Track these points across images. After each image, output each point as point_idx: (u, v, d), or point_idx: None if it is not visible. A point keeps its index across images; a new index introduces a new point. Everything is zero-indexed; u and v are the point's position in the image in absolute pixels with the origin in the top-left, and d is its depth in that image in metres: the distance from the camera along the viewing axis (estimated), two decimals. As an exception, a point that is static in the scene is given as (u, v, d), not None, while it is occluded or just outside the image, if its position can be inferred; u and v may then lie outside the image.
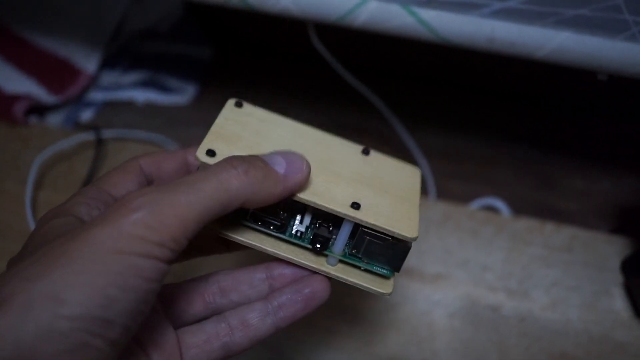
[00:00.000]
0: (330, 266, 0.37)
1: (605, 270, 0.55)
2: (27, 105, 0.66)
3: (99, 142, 0.64)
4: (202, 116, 0.71)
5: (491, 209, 0.61)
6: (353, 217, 0.35)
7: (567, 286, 0.54)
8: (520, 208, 0.61)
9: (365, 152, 0.41)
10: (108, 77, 0.72)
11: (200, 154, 0.35)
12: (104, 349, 0.28)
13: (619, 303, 0.53)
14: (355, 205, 0.35)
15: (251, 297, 0.38)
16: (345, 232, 0.36)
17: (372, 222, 0.35)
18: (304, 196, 0.35)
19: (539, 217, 0.59)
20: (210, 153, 0.35)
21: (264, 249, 0.37)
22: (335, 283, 0.37)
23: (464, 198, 0.61)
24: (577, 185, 0.63)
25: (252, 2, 0.48)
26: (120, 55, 0.74)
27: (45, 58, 0.71)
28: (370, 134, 0.67)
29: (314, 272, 0.37)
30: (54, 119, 0.68)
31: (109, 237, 0.28)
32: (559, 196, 0.63)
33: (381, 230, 0.35)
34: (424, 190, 0.62)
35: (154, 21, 0.75)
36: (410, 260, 0.55)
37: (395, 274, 0.38)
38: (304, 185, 0.35)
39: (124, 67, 0.73)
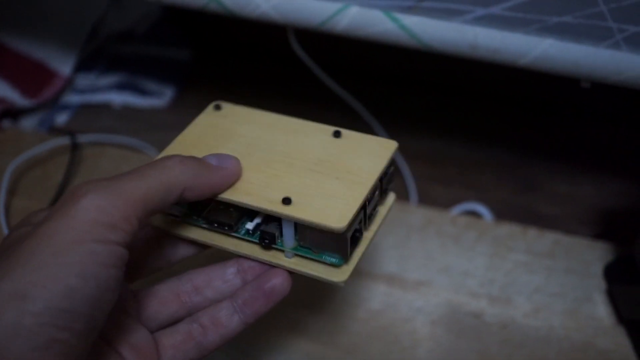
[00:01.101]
0: (287, 259, 0.38)
1: (588, 276, 0.54)
2: (1, 109, 0.65)
3: (75, 147, 0.62)
4: (181, 120, 0.69)
5: (473, 213, 0.60)
6: (280, 214, 0.35)
7: (550, 293, 0.54)
8: (502, 213, 0.61)
9: (337, 134, 0.41)
10: (84, 80, 0.71)
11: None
12: (71, 342, 0.28)
13: (602, 310, 0.53)
14: (286, 201, 0.36)
15: (225, 292, 0.39)
16: (287, 226, 0.37)
17: (299, 217, 0.35)
18: (234, 197, 0.36)
19: (521, 222, 0.59)
20: None
21: (225, 248, 0.38)
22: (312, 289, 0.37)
23: (446, 203, 0.61)
24: (560, 190, 0.63)
25: (232, 7, 0.47)
26: (97, 57, 0.72)
27: (19, 60, 0.69)
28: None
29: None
30: (28, 123, 0.67)
31: (63, 228, 0.29)
32: (541, 201, 0.62)
33: (309, 224, 0.35)
34: (405, 196, 0.62)
35: (132, 22, 0.74)
36: (391, 266, 0.55)
37: (352, 263, 0.38)
38: (236, 174, 0.37)
39: (101, 69, 0.72)
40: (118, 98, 0.70)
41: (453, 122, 0.70)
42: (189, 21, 0.76)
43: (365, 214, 0.38)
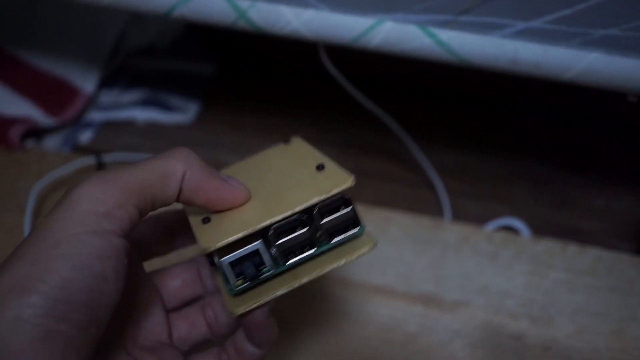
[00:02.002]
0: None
1: (632, 294, 0.53)
2: (24, 129, 0.64)
3: (100, 167, 0.61)
4: (206, 135, 0.68)
5: (509, 229, 0.59)
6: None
7: (593, 312, 0.52)
8: (538, 228, 0.59)
9: (320, 167, 0.38)
10: (107, 97, 0.70)
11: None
12: (71, 333, 0.28)
13: (648, 330, 0.51)
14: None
15: None
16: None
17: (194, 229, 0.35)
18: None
19: (558, 237, 0.57)
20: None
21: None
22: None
23: (481, 218, 0.59)
24: (597, 204, 0.61)
25: (261, 25, 0.46)
26: (119, 73, 0.71)
27: (41, 78, 0.69)
28: (383, 154, 0.65)
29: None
30: (52, 142, 0.66)
31: (58, 220, 0.29)
32: (578, 215, 0.60)
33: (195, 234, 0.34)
34: (438, 211, 0.60)
35: (154, 37, 0.73)
36: (427, 286, 0.53)
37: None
38: (241, 195, 0.35)
39: (123, 85, 0.71)
40: (142, 114, 0.69)
41: (486, 135, 0.68)
42: (212, 35, 0.75)
43: (274, 247, 0.35)
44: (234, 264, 0.34)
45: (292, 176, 0.38)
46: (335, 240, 0.36)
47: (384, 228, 0.57)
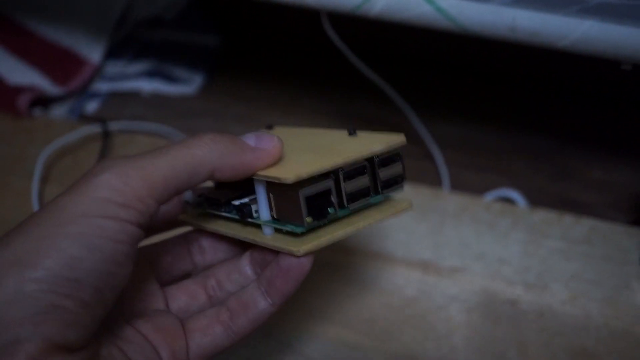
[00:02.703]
0: (265, 236, 0.36)
1: (625, 263, 0.54)
2: (32, 97, 0.65)
3: (106, 135, 0.62)
4: (210, 106, 0.69)
5: (507, 200, 0.60)
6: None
7: (587, 280, 0.53)
8: (536, 199, 0.60)
9: (352, 132, 0.39)
10: (113, 67, 0.71)
11: None
12: (75, 310, 0.28)
13: (640, 297, 0.52)
14: None
15: (244, 284, 0.38)
16: (260, 194, 0.35)
17: (261, 174, 0.34)
18: None
19: (556, 208, 0.58)
20: None
21: (204, 227, 0.38)
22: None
23: (480, 189, 0.60)
24: (595, 176, 0.62)
25: (265, -9, 0.47)
26: (126, 44, 0.72)
27: (49, 48, 0.70)
28: (384, 125, 0.66)
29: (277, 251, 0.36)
30: (59, 111, 0.67)
31: (73, 202, 0.29)
32: (576, 187, 0.61)
33: (264, 179, 0.34)
34: (438, 182, 0.61)
35: (160, 9, 0.74)
36: (426, 253, 0.54)
37: (317, 238, 0.35)
38: (274, 155, 0.35)
39: (130, 56, 0.72)
40: (147, 85, 0.70)
41: (486, 108, 0.69)
42: (218, 7, 0.75)
43: (340, 189, 0.35)
44: (309, 200, 0.34)
45: (330, 138, 0.39)
46: (386, 191, 0.37)
47: (384, 197, 0.58)
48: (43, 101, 0.67)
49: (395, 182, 0.37)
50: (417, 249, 0.55)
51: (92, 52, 0.69)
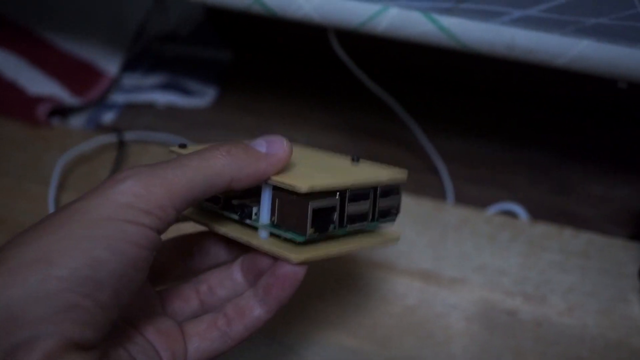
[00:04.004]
0: (262, 239, 0.37)
1: (622, 276, 0.55)
2: (50, 106, 0.67)
3: (121, 144, 0.64)
4: (222, 118, 0.71)
5: (508, 213, 0.61)
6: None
7: (584, 292, 0.54)
8: (537, 213, 0.61)
9: (355, 159, 0.41)
10: (129, 80, 0.73)
11: None
12: (94, 311, 0.28)
13: (636, 309, 0.53)
14: None
15: (238, 291, 0.39)
16: (266, 198, 0.36)
17: (274, 179, 0.35)
18: None
19: (556, 222, 0.59)
20: None
21: (202, 222, 0.39)
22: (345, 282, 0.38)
23: (482, 202, 0.62)
24: (595, 191, 0.64)
25: (275, 9, 0.49)
26: (142, 57, 0.74)
27: (68, 60, 0.72)
28: (389, 139, 0.67)
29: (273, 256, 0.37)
30: (76, 121, 0.69)
31: (97, 205, 0.29)
32: (576, 202, 0.63)
33: (278, 185, 0.35)
34: (441, 195, 0.62)
35: (175, 24, 0.76)
36: (427, 263, 0.56)
37: (313, 251, 0.37)
38: (285, 159, 0.36)
39: (145, 69, 0.74)
40: (162, 97, 0.72)
41: (489, 123, 0.70)
42: (231, 22, 0.77)
43: (343, 210, 0.37)
44: (315, 212, 0.35)
45: (335, 161, 0.41)
46: (381, 220, 0.39)
47: (388, 208, 0.59)
48: (61, 111, 0.69)
49: (389, 213, 0.40)
50: (419, 260, 0.56)
51: (110, 65, 0.71)
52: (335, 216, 0.36)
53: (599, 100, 0.71)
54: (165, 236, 0.33)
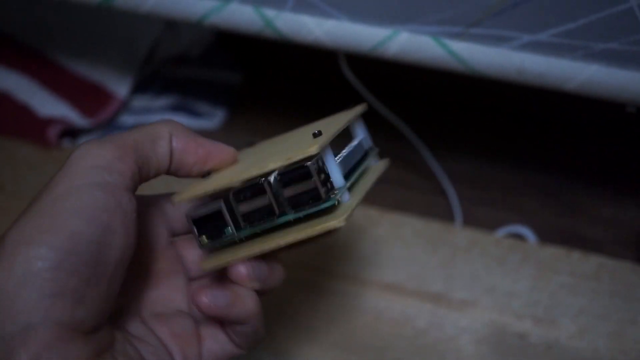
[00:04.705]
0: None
1: (632, 299, 0.55)
2: (61, 128, 0.68)
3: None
4: (231, 141, 0.71)
5: (517, 236, 0.61)
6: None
7: (595, 315, 0.54)
8: (546, 235, 0.61)
9: (317, 133, 0.37)
10: (139, 102, 0.74)
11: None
12: (79, 287, 0.29)
13: (647, 332, 0.53)
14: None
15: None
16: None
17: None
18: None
19: (565, 245, 0.59)
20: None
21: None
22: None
23: (490, 225, 0.62)
24: (604, 214, 0.64)
25: (287, 33, 0.49)
26: (152, 79, 0.75)
27: (78, 82, 0.73)
28: (398, 160, 0.67)
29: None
30: (87, 142, 0.70)
31: (61, 177, 0.31)
32: (585, 224, 0.63)
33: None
34: (450, 217, 0.63)
35: (185, 46, 0.76)
36: (437, 285, 0.56)
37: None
38: (228, 151, 0.37)
39: (155, 91, 0.74)
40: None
41: (498, 145, 0.70)
42: (240, 46, 0.78)
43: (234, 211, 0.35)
44: (198, 221, 0.35)
45: (289, 144, 0.38)
46: (298, 211, 0.34)
47: (396, 230, 0.60)
48: (72, 133, 0.70)
49: (311, 199, 0.34)
50: (429, 282, 0.56)
51: (120, 87, 0.72)
52: (228, 219, 0.35)
53: (607, 123, 0.71)
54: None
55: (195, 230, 0.35)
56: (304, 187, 0.33)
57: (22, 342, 0.27)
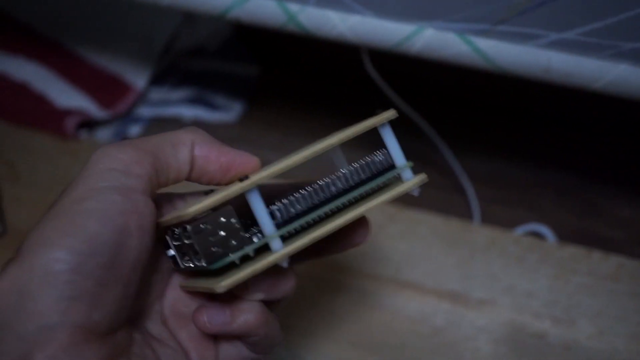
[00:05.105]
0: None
1: (652, 301, 0.55)
2: (78, 120, 0.68)
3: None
4: (248, 134, 0.71)
5: (536, 235, 0.61)
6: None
7: (614, 316, 0.54)
8: (564, 235, 0.61)
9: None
10: (156, 93, 0.74)
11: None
12: (96, 292, 0.29)
13: (667, 335, 0.53)
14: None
15: None
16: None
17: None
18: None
19: (584, 244, 0.59)
20: None
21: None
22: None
23: (509, 223, 0.61)
24: (623, 214, 0.63)
25: (310, 28, 0.49)
26: (169, 72, 0.75)
27: (96, 73, 0.72)
28: (417, 158, 0.66)
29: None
30: (103, 134, 0.70)
31: (80, 180, 0.31)
32: (604, 224, 0.62)
33: None
34: (468, 215, 0.62)
35: (203, 39, 0.76)
36: (455, 284, 0.56)
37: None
38: (252, 159, 0.36)
39: (173, 83, 0.74)
40: (188, 112, 0.72)
41: (517, 143, 0.70)
42: (259, 38, 0.78)
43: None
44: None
45: None
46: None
47: (414, 228, 0.59)
48: (89, 124, 0.70)
49: (197, 253, 0.32)
50: (447, 280, 0.56)
51: (137, 79, 0.72)
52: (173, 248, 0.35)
53: (628, 123, 0.70)
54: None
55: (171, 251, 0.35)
56: (193, 247, 0.33)
57: (38, 343, 0.28)
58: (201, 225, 0.32)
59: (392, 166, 0.36)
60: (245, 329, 0.34)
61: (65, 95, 0.70)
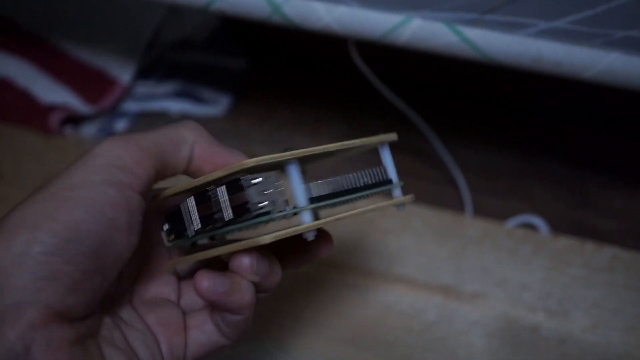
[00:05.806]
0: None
1: (647, 292, 0.54)
2: (63, 115, 0.67)
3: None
4: (236, 128, 0.71)
5: (529, 226, 0.60)
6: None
7: (609, 308, 0.53)
8: (557, 226, 0.60)
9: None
10: (142, 88, 0.72)
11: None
12: (74, 276, 0.29)
13: (662, 326, 0.52)
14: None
15: None
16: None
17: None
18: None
19: (577, 235, 0.58)
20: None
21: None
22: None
23: (501, 215, 0.61)
24: (616, 204, 0.63)
25: (295, 20, 0.48)
26: (155, 65, 0.74)
27: (81, 68, 0.71)
28: (408, 150, 0.67)
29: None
30: (89, 130, 0.69)
31: (76, 170, 0.31)
32: (597, 215, 0.62)
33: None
34: (460, 207, 0.62)
35: (190, 32, 0.75)
36: (447, 277, 0.55)
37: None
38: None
39: (159, 77, 0.73)
40: (175, 106, 0.71)
41: (509, 134, 0.69)
42: (246, 31, 0.77)
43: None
44: (167, 217, 0.36)
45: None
46: (242, 219, 0.33)
47: (406, 220, 0.58)
48: (74, 120, 0.69)
49: (245, 210, 0.33)
50: (438, 274, 0.55)
51: (123, 73, 0.71)
52: (186, 221, 0.35)
53: (620, 113, 0.70)
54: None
55: (166, 226, 0.36)
56: (239, 200, 0.33)
57: (9, 319, 0.28)
58: (253, 181, 0.32)
59: (389, 181, 0.39)
60: (237, 304, 0.34)
61: (50, 91, 0.69)
